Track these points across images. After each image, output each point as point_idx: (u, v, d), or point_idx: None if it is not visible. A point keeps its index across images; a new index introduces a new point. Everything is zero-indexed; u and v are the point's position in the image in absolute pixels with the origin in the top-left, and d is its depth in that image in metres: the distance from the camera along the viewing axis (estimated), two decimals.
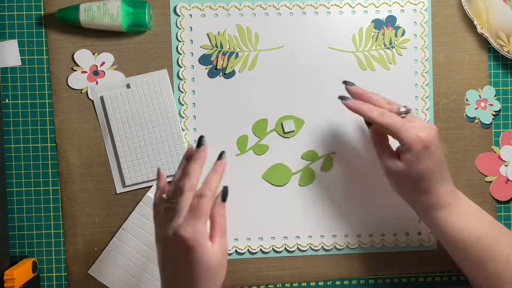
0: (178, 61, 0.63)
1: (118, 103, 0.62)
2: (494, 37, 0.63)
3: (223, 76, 0.63)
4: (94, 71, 0.62)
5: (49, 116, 0.63)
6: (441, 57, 0.65)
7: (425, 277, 0.66)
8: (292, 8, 0.63)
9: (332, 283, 0.65)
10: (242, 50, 0.63)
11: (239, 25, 0.63)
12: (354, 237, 0.64)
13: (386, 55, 0.64)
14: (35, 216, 0.63)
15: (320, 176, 0.64)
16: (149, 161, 0.62)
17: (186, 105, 0.63)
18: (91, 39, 0.62)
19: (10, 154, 0.63)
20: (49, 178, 0.63)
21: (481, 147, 0.65)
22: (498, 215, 0.65)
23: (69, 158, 0.63)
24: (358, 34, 0.63)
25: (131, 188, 0.63)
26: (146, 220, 0.62)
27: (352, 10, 0.64)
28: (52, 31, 0.62)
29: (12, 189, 0.63)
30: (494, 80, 0.65)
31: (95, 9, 0.59)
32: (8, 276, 0.57)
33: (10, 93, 0.62)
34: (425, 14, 0.64)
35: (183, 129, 0.63)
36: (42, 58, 0.62)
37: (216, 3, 0.63)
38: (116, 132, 0.62)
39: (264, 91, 0.63)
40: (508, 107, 0.66)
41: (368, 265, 0.65)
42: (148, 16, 0.61)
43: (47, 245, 0.63)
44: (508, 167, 0.65)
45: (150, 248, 0.62)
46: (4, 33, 0.62)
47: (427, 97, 0.64)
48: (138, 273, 0.63)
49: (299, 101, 0.63)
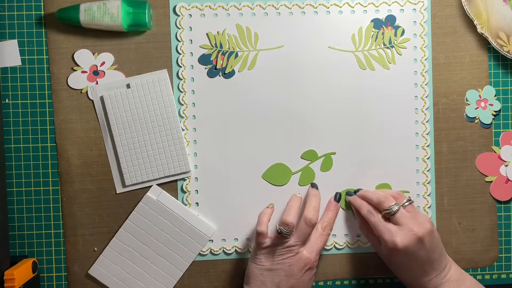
0: (178, 61, 0.63)
1: (118, 103, 0.62)
2: (494, 37, 0.63)
3: (222, 76, 0.63)
4: (94, 71, 0.62)
5: (49, 116, 0.63)
6: (441, 57, 0.65)
7: None
8: (292, 8, 0.63)
9: (332, 283, 0.65)
10: (242, 50, 0.63)
11: (238, 25, 0.63)
12: (354, 237, 0.64)
13: (385, 54, 0.64)
14: (35, 216, 0.63)
15: (320, 176, 0.64)
16: (149, 161, 0.62)
17: (186, 105, 0.63)
18: (91, 39, 0.62)
19: (10, 154, 0.63)
20: (49, 178, 0.63)
21: (481, 147, 0.65)
22: (498, 215, 0.65)
23: (69, 158, 0.63)
24: (358, 34, 0.63)
25: (131, 188, 0.63)
26: (146, 220, 0.62)
27: (352, 10, 0.64)
28: (52, 31, 0.62)
29: (12, 189, 0.63)
30: (494, 80, 0.65)
31: (95, 9, 0.59)
32: (8, 276, 0.57)
33: (10, 93, 0.62)
34: (425, 14, 0.64)
35: (183, 129, 0.63)
36: (42, 58, 0.63)
37: (216, 3, 0.63)
38: (116, 132, 0.62)
39: (264, 91, 0.63)
40: (508, 107, 0.66)
41: (368, 265, 0.65)
42: (148, 16, 0.61)
43: (47, 245, 0.63)
44: (508, 167, 0.65)
45: (150, 248, 0.62)
46: (4, 33, 0.62)
47: (426, 97, 0.64)
48: (138, 273, 0.63)
49: (298, 101, 0.63)
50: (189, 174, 0.63)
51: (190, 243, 0.63)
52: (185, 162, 0.63)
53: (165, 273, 0.63)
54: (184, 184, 0.63)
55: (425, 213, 0.64)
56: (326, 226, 0.61)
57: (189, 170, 0.63)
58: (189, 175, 0.63)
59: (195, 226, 0.62)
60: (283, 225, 0.58)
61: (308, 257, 0.58)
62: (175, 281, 0.63)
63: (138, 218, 0.63)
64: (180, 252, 0.63)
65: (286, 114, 0.63)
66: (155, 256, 0.63)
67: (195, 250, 0.63)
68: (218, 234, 0.64)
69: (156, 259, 0.63)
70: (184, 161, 0.63)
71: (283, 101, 0.63)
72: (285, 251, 0.57)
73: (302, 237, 0.58)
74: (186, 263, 0.63)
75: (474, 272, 0.66)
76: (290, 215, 0.59)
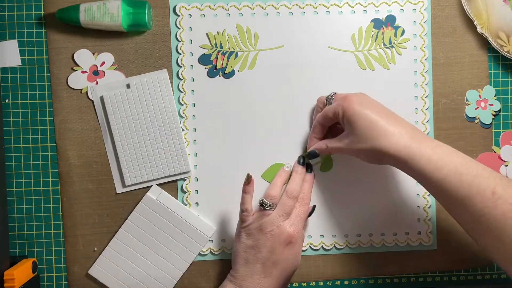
0: (178, 61, 0.63)
1: (118, 103, 0.62)
2: (494, 37, 0.63)
3: (222, 76, 0.63)
4: (94, 71, 0.62)
5: (49, 116, 0.63)
6: (441, 57, 0.65)
7: (425, 277, 0.66)
8: (292, 8, 0.63)
9: (332, 283, 0.65)
10: (242, 50, 0.63)
11: (238, 25, 0.63)
12: (354, 237, 0.64)
13: (385, 54, 0.64)
14: (35, 216, 0.63)
15: (320, 176, 0.64)
16: (149, 161, 0.62)
17: (186, 105, 0.63)
18: (91, 39, 0.62)
19: (10, 154, 0.63)
20: (49, 178, 0.63)
21: (481, 147, 0.65)
22: None
23: (69, 158, 0.63)
24: (358, 34, 0.63)
25: (131, 188, 0.63)
26: (146, 220, 0.62)
27: (352, 10, 0.64)
28: (52, 31, 0.62)
29: (12, 189, 0.63)
30: (494, 80, 0.65)
31: (95, 9, 0.59)
32: (8, 276, 0.57)
33: (10, 93, 0.63)
34: (425, 14, 0.64)
35: (183, 129, 0.63)
36: (42, 58, 0.63)
37: (216, 3, 0.63)
38: (116, 132, 0.62)
39: (264, 91, 0.63)
40: (508, 107, 0.66)
41: (368, 265, 0.65)
42: (148, 16, 0.61)
43: (47, 245, 0.63)
44: (508, 167, 0.65)
45: (150, 248, 0.62)
46: (4, 33, 0.62)
47: (426, 97, 0.64)
48: (138, 273, 0.63)
49: (298, 101, 0.63)
50: (189, 174, 0.63)
51: (190, 243, 0.63)
52: (185, 162, 0.63)
53: (165, 273, 0.63)
54: (184, 184, 0.63)
55: (425, 213, 0.64)
56: (302, 197, 0.60)
57: (189, 170, 0.63)
58: (189, 175, 0.63)
59: (195, 226, 0.62)
60: (266, 196, 0.58)
61: (288, 231, 0.57)
62: (175, 281, 0.63)
63: (138, 218, 0.63)
64: (180, 252, 0.63)
65: (286, 114, 0.63)
66: (155, 256, 0.63)
67: (195, 250, 0.63)
68: (218, 234, 0.64)
69: (156, 259, 0.63)
70: (184, 161, 0.63)
71: (283, 101, 0.63)
72: (267, 225, 0.57)
73: (283, 210, 0.57)
74: (186, 263, 0.63)
75: (474, 272, 0.66)
76: (274, 188, 0.59)
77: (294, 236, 0.57)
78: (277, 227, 0.57)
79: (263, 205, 0.57)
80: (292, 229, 0.57)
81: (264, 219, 0.57)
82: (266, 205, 0.57)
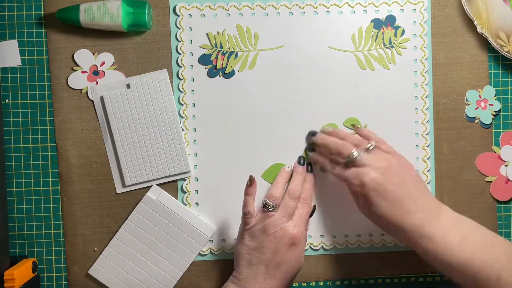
0: (178, 61, 0.63)
1: (118, 103, 0.62)
2: (494, 37, 0.63)
3: (222, 76, 0.63)
4: (94, 71, 0.62)
5: (49, 116, 0.63)
6: (441, 57, 0.65)
7: (425, 277, 0.66)
8: (292, 8, 0.63)
9: (332, 283, 0.65)
10: (242, 50, 0.63)
11: (238, 25, 0.63)
12: (354, 237, 0.64)
13: (385, 54, 0.64)
14: (35, 216, 0.63)
15: (320, 176, 0.64)
16: (149, 161, 0.62)
17: (186, 105, 0.63)
18: (91, 39, 0.62)
19: (10, 154, 0.63)
20: (49, 178, 0.63)
21: (481, 147, 0.65)
22: (498, 215, 0.65)
23: (69, 158, 0.63)
24: (358, 34, 0.63)
25: (131, 188, 0.63)
26: (146, 220, 0.62)
27: (352, 10, 0.64)
28: (52, 31, 0.62)
29: (12, 189, 0.63)
30: (494, 80, 0.65)
31: (95, 9, 0.59)
32: (8, 276, 0.57)
33: (10, 93, 0.63)
34: (425, 14, 0.64)
35: (183, 129, 0.63)
36: (42, 58, 0.63)
37: (216, 3, 0.63)
38: (116, 132, 0.62)
39: (264, 91, 0.63)
40: (508, 107, 0.66)
41: (368, 265, 0.65)
42: (148, 16, 0.61)
43: (47, 245, 0.63)
44: (508, 167, 0.65)
45: (150, 248, 0.62)
46: (4, 33, 0.62)
47: (426, 97, 0.64)
48: (138, 273, 0.63)
49: (298, 101, 0.63)
50: (189, 174, 0.63)
51: (190, 243, 0.63)
52: (185, 162, 0.63)
53: (165, 273, 0.63)
54: (184, 184, 0.63)
55: None
56: (303, 197, 0.60)
57: (189, 170, 0.63)
58: (189, 175, 0.63)
59: (195, 226, 0.62)
60: (268, 197, 0.58)
61: (291, 232, 0.57)
62: (175, 281, 0.63)
63: (138, 218, 0.63)
64: (180, 252, 0.63)
65: (286, 114, 0.63)
66: (155, 256, 0.63)
67: (195, 250, 0.63)
68: (218, 234, 0.64)
69: (156, 259, 0.63)
70: (184, 161, 0.63)
71: (283, 101, 0.63)
72: (271, 226, 0.56)
73: (286, 211, 0.57)
74: (186, 263, 0.63)
75: None
76: (276, 188, 0.59)
77: (298, 237, 0.57)
78: (280, 228, 0.57)
79: (266, 206, 0.57)
80: (296, 230, 0.57)
81: (267, 220, 0.57)
82: (269, 206, 0.57)
